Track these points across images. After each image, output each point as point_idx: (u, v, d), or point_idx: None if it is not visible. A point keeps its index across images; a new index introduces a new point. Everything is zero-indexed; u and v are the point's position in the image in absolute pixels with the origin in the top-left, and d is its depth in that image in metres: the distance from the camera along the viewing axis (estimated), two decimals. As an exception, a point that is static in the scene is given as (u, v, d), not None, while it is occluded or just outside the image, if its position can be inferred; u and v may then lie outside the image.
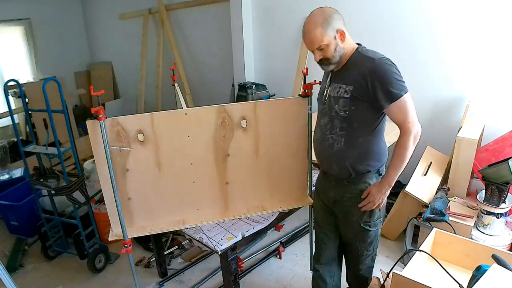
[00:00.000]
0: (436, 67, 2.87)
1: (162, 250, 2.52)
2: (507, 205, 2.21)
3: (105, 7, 5.49)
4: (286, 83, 3.70)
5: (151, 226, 1.95)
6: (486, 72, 2.68)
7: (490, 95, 2.70)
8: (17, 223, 3.02)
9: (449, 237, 1.98)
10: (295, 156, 2.01)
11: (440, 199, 2.32)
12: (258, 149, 1.94)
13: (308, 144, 2.00)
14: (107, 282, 2.54)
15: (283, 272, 2.53)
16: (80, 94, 5.64)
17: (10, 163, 3.88)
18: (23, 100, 2.49)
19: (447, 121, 2.90)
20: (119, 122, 1.72)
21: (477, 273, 1.52)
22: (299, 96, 1.91)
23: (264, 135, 1.92)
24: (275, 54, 3.78)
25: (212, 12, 4.21)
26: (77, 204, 2.46)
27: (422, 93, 2.99)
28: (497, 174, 2.17)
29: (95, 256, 2.57)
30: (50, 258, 2.78)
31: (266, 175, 2.01)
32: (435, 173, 2.64)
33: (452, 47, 2.76)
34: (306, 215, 2.64)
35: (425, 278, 1.60)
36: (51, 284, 2.54)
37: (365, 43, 1.97)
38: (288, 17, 3.54)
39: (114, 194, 1.78)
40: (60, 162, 2.37)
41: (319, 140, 1.66)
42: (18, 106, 4.33)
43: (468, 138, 2.40)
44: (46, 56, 5.36)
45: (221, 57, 4.27)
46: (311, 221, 2.24)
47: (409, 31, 2.91)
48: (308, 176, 2.08)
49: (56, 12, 5.43)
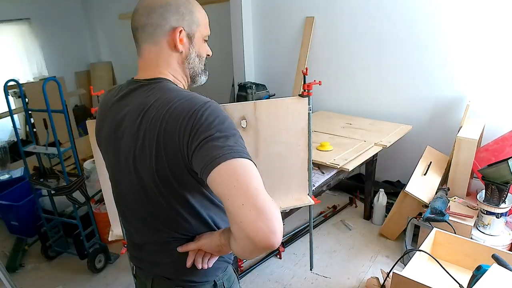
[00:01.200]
0: (436, 67, 2.87)
1: (162, 250, 2.52)
2: (507, 205, 2.21)
3: (105, 7, 5.49)
4: (286, 83, 3.70)
5: (151, 226, 1.95)
6: (486, 72, 2.68)
7: (490, 95, 2.70)
8: (17, 223, 3.02)
9: (449, 237, 1.98)
10: (295, 156, 2.01)
11: (440, 199, 2.32)
12: (258, 149, 1.94)
13: (308, 144, 2.00)
14: (107, 282, 2.54)
15: (283, 272, 2.53)
16: (80, 94, 5.64)
17: (10, 163, 3.88)
18: (23, 100, 2.49)
19: (447, 121, 2.91)
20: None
21: (477, 273, 1.52)
22: (299, 96, 1.91)
23: (264, 135, 1.92)
24: (275, 54, 3.78)
25: (212, 12, 4.18)
26: (77, 204, 2.46)
27: (422, 92, 3.00)
28: (497, 174, 2.17)
29: (95, 256, 2.57)
30: (50, 258, 2.78)
31: (266, 175, 1.99)
32: (435, 173, 2.64)
33: (452, 47, 2.76)
34: (306, 215, 2.64)
35: (425, 278, 1.60)
36: (51, 284, 2.54)
37: (366, 42, 2.02)
38: (288, 17, 3.54)
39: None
40: (60, 162, 2.37)
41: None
42: (18, 106, 4.33)
43: (468, 138, 2.40)
44: (46, 56, 5.36)
45: (221, 57, 4.26)
46: (311, 221, 2.24)
47: (410, 31, 2.91)
48: (308, 176, 2.08)
49: (57, 12, 5.42)
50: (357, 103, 3.36)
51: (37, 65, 5.33)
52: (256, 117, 1.87)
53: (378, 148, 2.59)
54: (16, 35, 5.13)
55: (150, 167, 0.88)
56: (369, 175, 2.98)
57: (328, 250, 2.73)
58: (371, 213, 3.06)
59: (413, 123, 2.97)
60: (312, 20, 3.38)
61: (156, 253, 1.01)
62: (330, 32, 3.32)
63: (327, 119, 3.23)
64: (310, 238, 2.27)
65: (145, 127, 0.86)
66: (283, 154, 1.99)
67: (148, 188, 0.92)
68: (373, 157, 2.78)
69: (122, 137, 0.94)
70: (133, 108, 0.91)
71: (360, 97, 3.33)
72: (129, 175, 0.95)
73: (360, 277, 2.44)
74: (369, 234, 2.90)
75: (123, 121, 0.94)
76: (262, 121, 1.89)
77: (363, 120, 3.12)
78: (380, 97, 3.22)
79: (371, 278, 2.34)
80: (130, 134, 0.91)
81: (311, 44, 3.45)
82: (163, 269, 1.02)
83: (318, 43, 3.42)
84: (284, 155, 1.99)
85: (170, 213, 0.93)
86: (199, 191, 0.92)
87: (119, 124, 0.95)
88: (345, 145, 2.58)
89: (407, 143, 3.01)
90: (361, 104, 3.34)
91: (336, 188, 3.46)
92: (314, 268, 2.47)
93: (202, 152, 0.78)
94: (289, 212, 2.20)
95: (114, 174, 1.04)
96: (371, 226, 3.00)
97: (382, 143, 2.62)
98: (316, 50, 3.45)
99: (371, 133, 2.81)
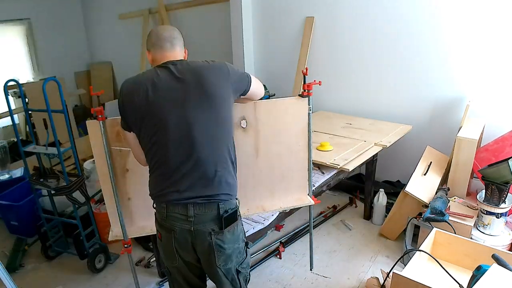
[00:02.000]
0: (436, 66, 2.87)
1: (162, 250, 2.52)
2: (507, 205, 2.21)
3: (105, 7, 5.49)
4: (286, 83, 3.70)
5: (151, 226, 1.93)
6: (486, 72, 2.68)
7: (490, 95, 2.70)
8: (17, 223, 3.02)
9: (449, 237, 1.99)
10: (295, 156, 2.01)
11: (440, 199, 2.32)
12: (258, 149, 1.94)
13: (308, 144, 2.00)
14: (107, 282, 2.54)
15: (283, 272, 2.53)
16: (80, 94, 5.64)
17: (10, 163, 3.88)
18: (23, 100, 2.49)
19: (447, 121, 2.91)
20: (119, 122, 1.72)
21: (477, 273, 1.53)
22: (299, 96, 1.91)
23: (264, 135, 1.92)
24: (275, 54, 3.79)
25: (212, 12, 4.21)
26: (77, 204, 2.46)
27: (422, 92, 3.00)
28: (497, 174, 2.17)
29: (95, 256, 2.57)
30: (50, 258, 2.78)
31: (266, 175, 2.00)
32: (435, 173, 2.64)
33: (452, 47, 2.76)
34: (306, 215, 2.64)
35: (425, 278, 1.60)
36: (51, 284, 2.54)
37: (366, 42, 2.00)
38: (288, 17, 3.55)
39: (114, 194, 1.78)
40: (60, 162, 2.37)
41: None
42: (18, 106, 4.33)
43: (468, 138, 2.40)
44: (46, 56, 5.36)
45: (221, 57, 4.26)
46: (311, 221, 2.24)
47: (410, 31, 2.91)
48: (308, 176, 2.08)
49: (56, 12, 5.43)
50: (357, 103, 3.36)
51: (37, 65, 5.33)
52: (256, 117, 1.87)
53: (378, 148, 2.59)
54: (16, 35, 5.13)
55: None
56: (369, 175, 2.98)
57: (328, 250, 2.73)
58: (371, 213, 3.06)
59: (413, 123, 2.98)
60: (312, 20, 3.38)
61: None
62: (330, 32, 3.32)
63: (327, 119, 3.23)
64: (310, 238, 2.27)
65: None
66: (283, 154, 1.99)
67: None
68: (373, 157, 2.78)
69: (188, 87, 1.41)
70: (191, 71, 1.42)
71: (360, 97, 3.33)
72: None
73: (360, 277, 2.44)
74: (369, 234, 2.90)
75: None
76: (262, 121, 1.89)
77: (363, 120, 3.12)
78: (380, 97, 3.22)
79: (371, 278, 2.34)
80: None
81: (311, 44, 3.45)
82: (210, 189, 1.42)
83: (318, 43, 3.42)
84: (284, 155, 1.99)
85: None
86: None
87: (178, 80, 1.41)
88: (345, 145, 2.58)
89: (407, 143, 3.01)
90: (361, 104, 3.34)
91: (336, 188, 3.46)
92: (314, 268, 2.47)
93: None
94: (289, 212, 2.20)
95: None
96: (371, 226, 3.00)
97: (382, 143, 2.62)
98: (316, 50, 3.45)
99: (371, 133, 2.81)
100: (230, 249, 1.48)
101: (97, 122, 1.66)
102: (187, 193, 1.41)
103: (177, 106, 1.38)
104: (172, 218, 1.44)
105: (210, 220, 1.43)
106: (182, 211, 1.42)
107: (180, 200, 1.41)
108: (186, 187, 1.41)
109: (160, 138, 1.40)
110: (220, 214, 1.43)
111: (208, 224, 1.43)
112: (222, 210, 1.43)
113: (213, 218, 1.43)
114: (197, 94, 1.39)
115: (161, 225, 1.50)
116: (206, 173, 1.41)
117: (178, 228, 1.44)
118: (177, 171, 1.41)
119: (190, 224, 1.42)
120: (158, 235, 1.53)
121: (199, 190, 1.41)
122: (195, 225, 1.42)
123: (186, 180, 1.41)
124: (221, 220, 1.43)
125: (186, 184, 1.41)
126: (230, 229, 1.46)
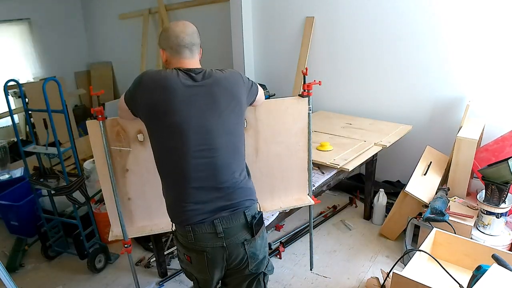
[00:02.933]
0: (436, 66, 2.87)
1: (162, 250, 2.52)
2: (507, 205, 2.21)
3: (105, 7, 5.49)
4: (286, 83, 3.70)
5: (151, 226, 1.95)
6: (486, 72, 2.68)
7: (490, 95, 2.70)
8: (17, 223, 3.02)
9: (449, 237, 1.99)
10: (295, 156, 2.01)
11: (440, 199, 2.32)
12: (258, 149, 1.94)
13: (308, 144, 2.00)
14: (107, 282, 2.54)
15: (283, 272, 2.53)
16: (80, 94, 5.64)
17: (10, 163, 3.88)
18: (23, 100, 2.49)
19: (447, 121, 2.91)
20: (119, 122, 1.72)
21: (477, 273, 1.53)
22: (299, 96, 1.91)
23: (264, 135, 1.92)
24: (275, 54, 3.79)
25: (212, 12, 4.21)
26: (77, 204, 2.46)
27: (422, 92, 3.00)
28: (497, 174, 2.17)
29: (95, 256, 2.57)
30: (50, 258, 2.78)
31: (266, 175, 2.01)
32: (435, 173, 2.64)
33: (452, 47, 2.76)
34: (306, 215, 2.64)
35: (425, 278, 1.60)
36: (51, 284, 2.54)
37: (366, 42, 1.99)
38: (288, 17, 3.54)
39: (114, 194, 1.78)
40: (60, 162, 2.37)
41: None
42: (18, 106, 4.33)
43: (468, 138, 2.40)
44: (46, 56, 5.36)
45: (221, 57, 4.26)
46: (311, 221, 2.24)
47: (410, 31, 2.91)
48: (308, 176, 2.08)
49: (56, 12, 5.43)
50: (357, 103, 3.36)
51: (37, 65, 5.34)
52: (256, 117, 1.87)
53: (378, 148, 2.59)
54: (16, 35, 5.13)
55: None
56: (369, 175, 2.98)
57: (328, 250, 2.73)
58: (371, 213, 3.06)
59: (413, 123, 2.98)
60: (312, 20, 3.38)
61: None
62: (330, 32, 3.33)
63: (327, 119, 3.23)
64: (310, 238, 2.27)
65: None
66: (283, 154, 1.99)
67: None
68: (373, 157, 2.78)
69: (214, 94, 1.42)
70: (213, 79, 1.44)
71: (360, 97, 3.33)
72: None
73: (360, 277, 2.44)
74: (369, 234, 2.90)
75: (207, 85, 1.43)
76: (262, 121, 1.89)
77: (363, 120, 3.12)
78: (380, 97, 3.22)
79: (371, 278, 2.34)
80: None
81: (311, 44, 3.45)
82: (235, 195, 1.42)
83: (318, 43, 3.42)
84: (284, 155, 1.99)
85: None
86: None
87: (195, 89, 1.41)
88: (345, 145, 2.58)
89: (407, 143, 3.01)
90: (361, 104, 3.34)
91: (336, 188, 3.46)
92: (314, 268, 2.47)
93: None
94: (289, 212, 2.20)
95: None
96: (371, 226, 3.00)
97: (382, 143, 2.62)
98: (316, 50, 3.45)
99: (371, 133, 2.81)
100: (262, 254, 1.49)
101: (97, 122, 1.66)
102: (208, 206, 1.37)
103: (197, 114, 1.37)
104: (201, 239, 1.38)
105: (240, 231, 1.40)
106: (210, 229, 1.37)
107: (204, 219, 1.37)
108: (206, 199, 1.37)
109: (177, 144, 1.37)
110: (248, 221, 1.41)
111: (239, 234, 1.40)
112: (249, 217, 1.41)
113: (242, 227, 1.41)
114: (219, 102, 1.40)
115: (188, 248, 1.42)
116: (227, 181, 1.40)
117: (210, 248, 1.38)
118: (195, 180, 1.37)
119: (222, 240, 1.38)
120: (187, 258, 1.45)
121: (220, 201, 1.38)
122: (226, 240, 1.38)
123: (205, 192, 1.38)
124: (251, 227, 1.41)
125: (206, 196, 1.38)
126: (260, 234, 1.46)
